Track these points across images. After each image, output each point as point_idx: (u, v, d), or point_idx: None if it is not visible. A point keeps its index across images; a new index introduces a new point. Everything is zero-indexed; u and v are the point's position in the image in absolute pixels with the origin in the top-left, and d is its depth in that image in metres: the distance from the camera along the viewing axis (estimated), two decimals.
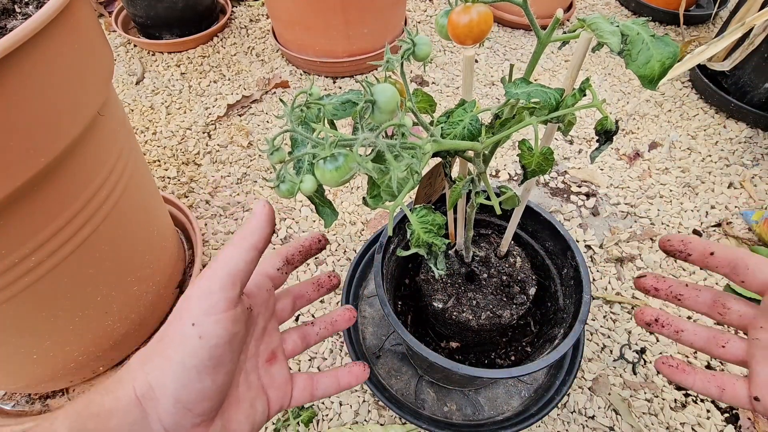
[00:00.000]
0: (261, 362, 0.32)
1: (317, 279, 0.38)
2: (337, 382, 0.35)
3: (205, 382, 0.25)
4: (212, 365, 0.25)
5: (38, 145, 0.39)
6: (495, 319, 0.51)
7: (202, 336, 0.25)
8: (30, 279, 0.44)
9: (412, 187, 0.28)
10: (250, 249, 0.27)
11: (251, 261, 0.27)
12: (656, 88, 0.26)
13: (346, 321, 0.38)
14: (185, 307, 0.26)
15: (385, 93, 0.24)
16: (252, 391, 0.30)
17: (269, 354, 0.32)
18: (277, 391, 0.32)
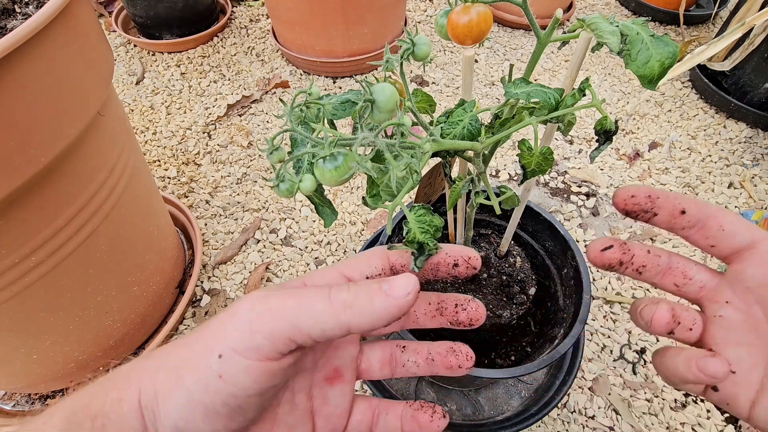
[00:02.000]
0: (318, 379, 0.25)
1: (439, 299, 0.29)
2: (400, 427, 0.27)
3: (214, 425, 0.20)
4: (226, 412, 0.20)
5: (38, 145, 0.39)
6: (495, 319, 0.51)
7: (222, 376, 0.20)
8: (30, 279, 0.44)
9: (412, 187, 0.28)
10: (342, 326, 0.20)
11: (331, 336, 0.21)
12: (656, 88, 0.26)
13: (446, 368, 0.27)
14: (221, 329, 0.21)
15: (384, 92, 0.24)
16: (295, 415, 0.24)
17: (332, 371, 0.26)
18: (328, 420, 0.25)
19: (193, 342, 0.21)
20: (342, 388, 0.26)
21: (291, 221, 0.87)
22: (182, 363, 0.21)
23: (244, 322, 0.20)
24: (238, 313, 0.21)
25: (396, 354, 0.28)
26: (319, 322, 0.20)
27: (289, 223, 0.87)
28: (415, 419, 0.26)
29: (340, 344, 0.26)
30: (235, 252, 0.83)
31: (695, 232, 0.27)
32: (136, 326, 0.64)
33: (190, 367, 0.20)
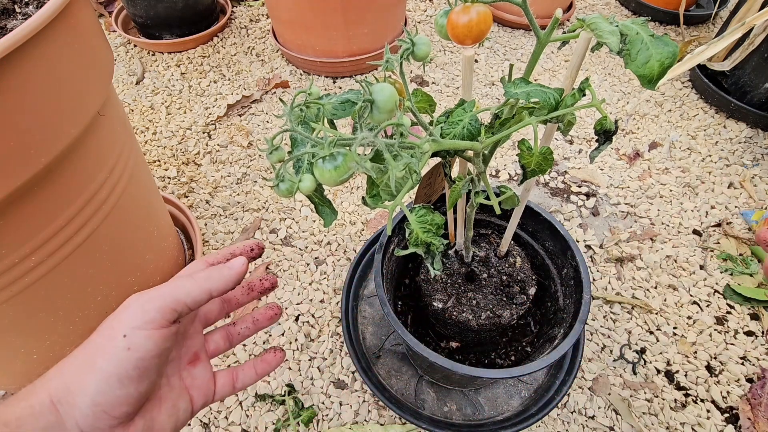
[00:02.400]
0: (183, 364, 0.33)
1: (248, 282, 0.38)
2: (254, 372, 0.36)
3: (128, 389, 0.26)
4: (136, 375, 0.26)
5: (38, 145, 0.39)
6: (495, 319, 0.51)
7: (130, 348, 0.26)
8: (30, 279, 0.44)
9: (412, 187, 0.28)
10: (204, 292, 0.29)
11: (199, 301, 0.29)
12: (656, 88, 0.26)
13: (268, 319, 0.38)
14: (118, 319, 0.27)
15: (383, 92, 0.24)
16: (174, 392, 0.31)
17: (191, 356, 0.34)
18: (200, 389, 0.33)
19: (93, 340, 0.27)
20: (202, 366, 0.34)
21: (291, 221, 0.88)
22: (89, 354, 0.26)
23: (136, 308, 0.27)
24: (129, 305, 0.27)
25: (230, 330, 0.37)
26: (190, 292, 0.28)
27: (289, 223, 0.87)
28: (264, 360, 0.36)
29: (191, 335, 0.34)
30: None
31: None
32: None
33: (99, 353, 0.26)
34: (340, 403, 0.65)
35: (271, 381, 0.67)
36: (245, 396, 0.66)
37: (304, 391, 0.66)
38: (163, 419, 0.30)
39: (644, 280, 0.79)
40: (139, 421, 0.28)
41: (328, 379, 0.67)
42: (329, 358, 0.69)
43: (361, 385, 0.67)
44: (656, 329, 0.73)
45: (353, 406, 0.65)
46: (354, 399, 0.66)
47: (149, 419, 0.29)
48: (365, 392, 0.66)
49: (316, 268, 0.81)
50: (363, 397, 0.66)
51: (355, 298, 0.71)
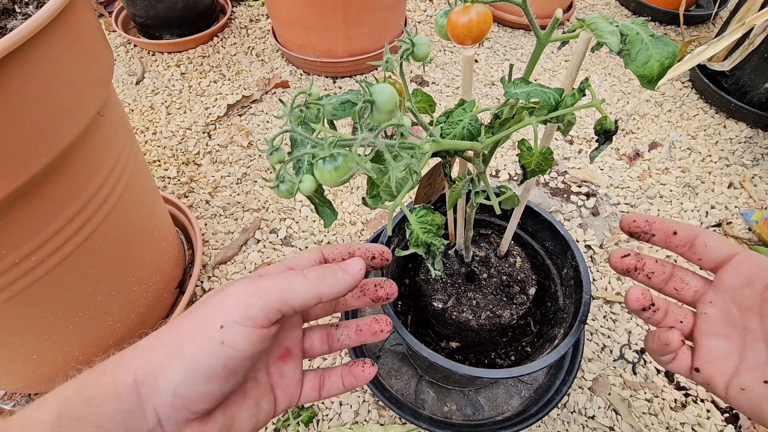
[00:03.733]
0: (273, 359, 0.31)
1: (362, 283, 0.34)
2: (341, 382, 0.33)
3: (212, 387, 0.24)
4: (224, 374, 0.24)
5: (38, 145, 0.39)
6: (495, 319, 0.51)
7: (224, 342, 0.24)
8: (30, 279, 0.44)
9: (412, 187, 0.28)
10: (315, 296, 0.26)
11: (308, 305, 0.26)
12: (656, 88, 0.26)
13: (372, 334, 0.34)
14: (219, 306, 0.25)
15: (383, 93, 0.24)
16: (260, 389, 0.29)
17: (283, 350, 0.31)
18: (285, 390, 0.31)
19: (187, 322, 0.25)
20: (293, 364, 0.32)
21: (291, 221, 0.88)
22: (181, 338, 0.24)
23: (241, 298, 0.25)
24: (234, 293, 0.25)
25: (331, 332, 0.34)
26: (300, 294, 0.26)
27: (289, 223, 0.87)
28: (351, 373, 0.33)
29: (287, 328, 0.32)
30: (235, 252, 0.83)
31: (686, 250, 0.33)
32: (136, 326, 0.64)
33: (191, 340, 0.24)
34: (340, 403, 0.65)
35: None
36: None
37: None
38: (243, 418, 0.28)
39: None
40: (219, 417, 0.26)
41: None
42: (329, 358, 0.69)
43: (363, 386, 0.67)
44: None
45: (353, 406, 0.65)
46: (354, 399, 0.66)
47: (229, 416, 0.27)
48: (365, 392, 0.66)
49: None
50: (363, 397, 0.66)
51: None
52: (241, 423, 0.28)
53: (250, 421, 0.28)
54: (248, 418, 0.28)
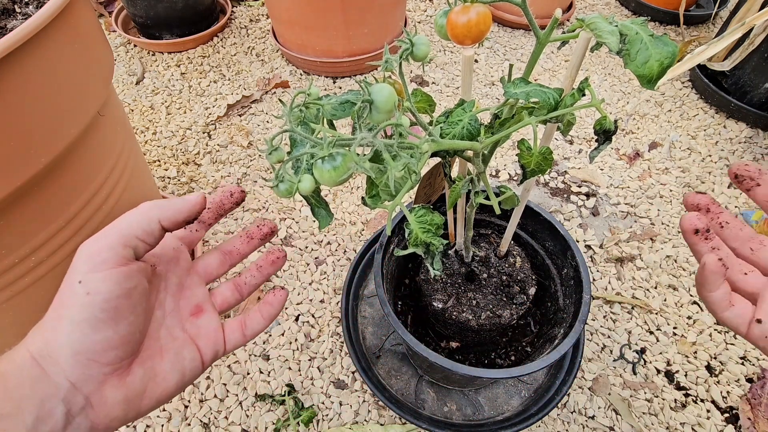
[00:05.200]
0: (185, 316, 0.32)
1: (247, 231, 0.36)
2: (260, 316, 0.35)
3: (104, 332, 0.25)
4: (107, 317, 0.25)
5: (38, 145, 0.39)
6: (495, 319, 0.51)
7: (89, 292, 0.25)
8: (30, 279, 0.44)
9: (411, 187, 0.28)
10: (153, 221, 0.27)
11: (151, 233, 0.27)
12: (655, 88, 0.26)
13: (271, 264, 0.36)
14: (72, 268, 0.26)
15: (382, 93, 0.24)
16: (177, 343, 0.31)
17: (193, 308, 0.33)
18: (207, 339, 0.32)
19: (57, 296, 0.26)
20: (207, 317, 0.33)
21: (291, 221, 0.88)
22: (56, 309, 0.26)
23: (86, 254, 0.26)
24: (80, 252, 0.26)
25: (237, 281, 0.36)
26: (135, 222, 0.27)
27: (289, 223, 0.87)
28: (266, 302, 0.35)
29: (188, 286, 0.33)
30: None
31: None
32: None
33: (63, 306, 0.25)
34: (340, 403, 0.65)
35: (271, 381, 0.67)
36: (245, 396, 0.66)
37: (304, 391, 0.66)
38: (165, 368, 0.29)
39: (644, 280, 0.79)
40: (138, 370, 0.27)
41: (328, 379, 0.67)
42: (329, 358, 0.69)
43: (361, 385, 0.67)
44: (656, 329, 0.73)
45: (353, 406, 0.65)
46: (354, 399, 0.66)
47: (149, 368, 0.28)
48: (365, 392, 0.66)
49: (316, 268, 0.81)
50: (363, 397, 0.66)
51: (355, 298, 0.71)
52: (164, 373, 0.29)
53: (175, 370, 0.29)
54: (171, 367, 0.29)
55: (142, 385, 0.27)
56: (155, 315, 0.31)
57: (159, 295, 0.31)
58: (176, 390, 0.30)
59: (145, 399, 0.28)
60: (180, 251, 0.34)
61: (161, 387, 0.29)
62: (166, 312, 0.31)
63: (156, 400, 0.29)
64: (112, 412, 0.26)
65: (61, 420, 0.24)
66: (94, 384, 0.25)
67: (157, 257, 0.32)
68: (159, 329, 0.30)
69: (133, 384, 0.27)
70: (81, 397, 0.25)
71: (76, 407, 0.25)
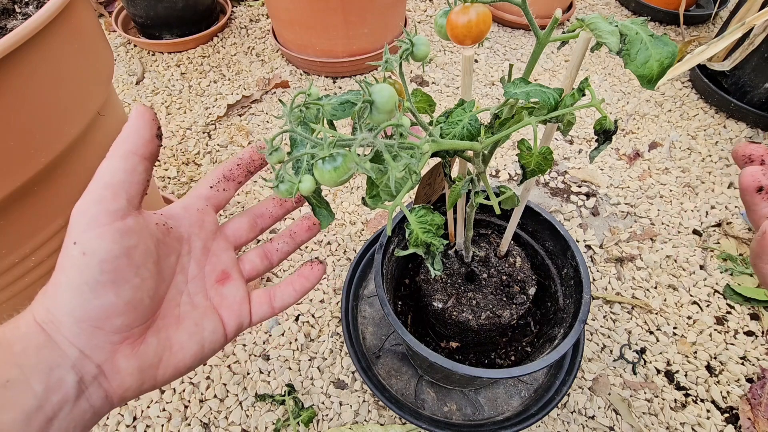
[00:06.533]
0: (210, 283, 0.30)
1: None
2: (292, 289, 0.33)
3: (106, 297, 0.23)
4: (107, 280, 0.23)
5: (38, 145, 0.39)
6: (495, 319, 0.51)
7: (85, 252, 0.23)
8: (30, 279, 0.44)
9: (411, 187, 0.28)
10: (126, 156, 0.25)
11: (132, 169, 0.25)
12: (655, 88, 0.26)
13: (306, 230, 0.34)
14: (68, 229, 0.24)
15: (382, 93, 0.24)
16: (198, 311, 0.29)
17: (219, 274, 0.31)
18: (231, 309, 0.30)
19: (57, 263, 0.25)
20: (234, 285, 0.31)
21: (291, 221, 0.88)
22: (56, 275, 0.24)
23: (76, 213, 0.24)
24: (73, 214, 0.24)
25: (267, 247, 0.34)
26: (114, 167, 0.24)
27: (289, 223, 0.87)
28: (301, 275, 0.33)
29: (215, 252, 0.31)
30: None
31: None
32: None
33: (61, 270, 0.24)
34: (340, 403, 0.65)
35: (271, 381, 0.67)
36: (245, 396, 0.66)
37: (304, 391, 0.66)
38: (182, 338, 0.27)
39: (644, 280, 0.79)
40: (151, 339, 0.26)
41: (328, 379, 0.67)
42: (329, 358, 0.69)
43: (361, 385, 0.67)
44: (656, 329, 0.73)
45: (353, 406, 0.65)
46: (354, 399, 0.66)
47: (164, 338, 0.27)
48: (365, 392, 0.66)
49: None
50: (363, 397, 0.66)
51: (355, 298, 0.71)
52: (181, 343, 0.27)
53: (193, 341, 0.28)
54: (188, 338, 0.28)
55: (156, 356, 0.26)
56: (176, 280, 0.29)
57: (181, 259, 0.29)
58: (195, 362, 0.28)
59: (160, 369, 0.26)
60: (205, 212, 0.31)
61: (177, 358, 0.27)
62: (188, 277, 0.30)
63: (173, 372, 0.27)
64: (126, 381, 0.25)
65: (73, 389, 0.23)
66: (104, 353, 0.24)
67: (175, 218, 0.30)
68: (179, 296, 0.29)
69: (147, 354, 0.26)
70: (93, 365, 0.24)
71: (88, 376, 0.24)
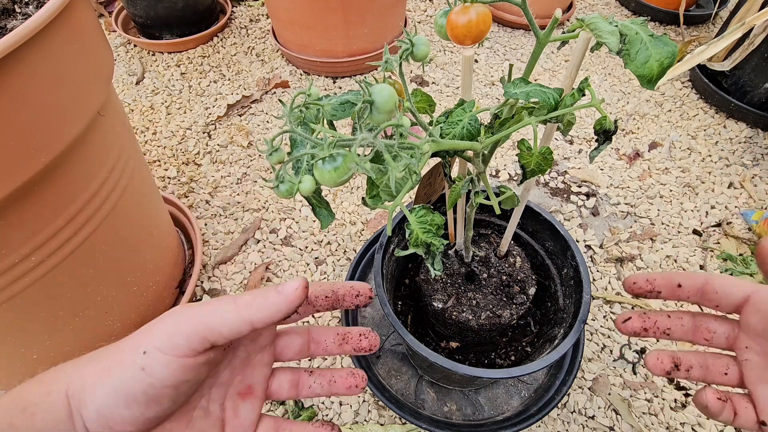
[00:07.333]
0: (232, 393, 0.29)
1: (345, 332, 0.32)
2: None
3: (133, 411, 0.24)
4: (144, 401, 0.24)
5: (38, 145, 0.39)
6: (495, 319, 0.51)
7: (145, 369, 0.23)
8: (30, 279, 0.44)
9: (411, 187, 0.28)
10: (244, 321, 0.24)
11: (238, 332, 0.25)
12: (655, 88, 0.26)
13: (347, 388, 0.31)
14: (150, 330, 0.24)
15: (382, 93, 0.24)
16: (208, 422, 0.28)
17: (245, 387, 0.30)
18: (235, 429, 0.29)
19: (122, 343, 0.25)
20: (252, 403, 0.30)
21: (291, 221, 0.88)
22: (111, 360, 0.24)
23: (167, 325, 0.24)
24: (164, 319, 0.25)
25: (302, 377, 0.32)
26: (226, 320, 0.24)
27: (289, 223, 0.87)
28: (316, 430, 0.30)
29: (255, 364, 0.30)
30: (235, 252, 0.83)
31: (699, 298, 0.31)
32: (136, 326, 0.64)
33: (118, 362, 0.24)
34: (340, 403, 0.65)
35: None
36: None
37: None
38: None
39: None
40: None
41: None
42: (329, 358, 0.69)
43: None
44: None
45: (353, 406, 0.65)
46: (354, 399, 0.66)
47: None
48: (365, 392, 0.66)
49: (316, 268, 0.81)
50: (363, 397, 0.66)
51: None
52: None
53: None
54: None
55: None
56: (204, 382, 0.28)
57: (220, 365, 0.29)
58: None
59: None
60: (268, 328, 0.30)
61: None
62: (216, 382, 0.29)
63: None
64: None
65: None
66: None
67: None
68: (200, 398, 0.28)
69: None
70: None
71: None
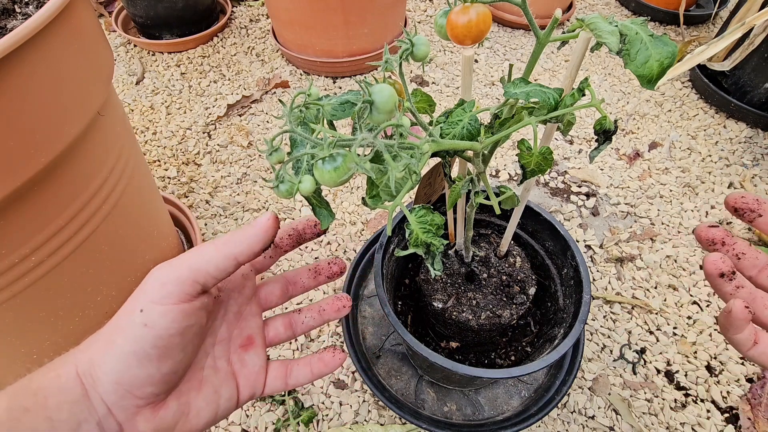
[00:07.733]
0: (234, 347, 0.31)
1: (315, 265, 0.35)
2: (309, 370, 0.33)
3: (148, 369, 0.24)
4: (156, 354, 0.24)
5: (38, 145, 0.39)
6: (495, 319, 0.51)
7: (147, 324, 0.24)
8: (30, 279, 0.44)
9: (411, 188, 0.28)
10: (227, 257, 0.26)
11: (224, 269, 0.26)
12: (655, 88, 0.26)
13: (335, 311, 0.34)
14: (141, 291, 0.25)
15: (382, 93, 0.24)
16: (219, 377, 0.29)
17: (245, 339, 0.31)
18: (248, 378, 0.30)
19: (117, 317, 0.26)
20: (255, 352, 0.31)
21: (291, 221, 0.87)
22: (112, 332, 0.25)
23: (155, 280, 0.25)
24: (150, 276, 0.25)
25: (294, 317, 0.34)
26: (211, 259, 0.25)
27: None
28: (321, 360, 0.33)
29: (246, 316, 0.32)
30: None
31: None
32: None
33: (119, 330, 0.25)
34: (340, 403, 0.65)
35: None
36: None
37: (304, 391, 0.66)
38: (200, 404, 0.28)
39: (644, 280, 0.79)
40: (172, 403, 0.26)
41: (328, 379, 0.67)
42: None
43: (361, 385, 0.67)
44: (656, 329, 0.73)
45: (353, 406, 0.65)
46: (354, 399, 0.66)
47: (184, 403, 0.27)
48: (365, 392, 0.66)
49: None
50: (363, 397, 0.66)
51: (355, 298, 0.71)
52: (198, 410, 0.28)
53: (209, 408, 0.28)
54: (206, 405, 0.28)
55: (173, 420, 0.27)
56: (205, 342, 0.29)
57: (215, 322, 0.30)
58: (206, 427, 0.28)
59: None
60: (248, 278, 0.32)
61: (192, 423, 0.27)
62: (216, 339, 0.30)
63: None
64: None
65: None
66: (128, 414, 0.25)
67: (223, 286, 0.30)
68: (205, 358, 0.29)
69: (165, 418, 0.26)
70: (115, 423, 0.24)
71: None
